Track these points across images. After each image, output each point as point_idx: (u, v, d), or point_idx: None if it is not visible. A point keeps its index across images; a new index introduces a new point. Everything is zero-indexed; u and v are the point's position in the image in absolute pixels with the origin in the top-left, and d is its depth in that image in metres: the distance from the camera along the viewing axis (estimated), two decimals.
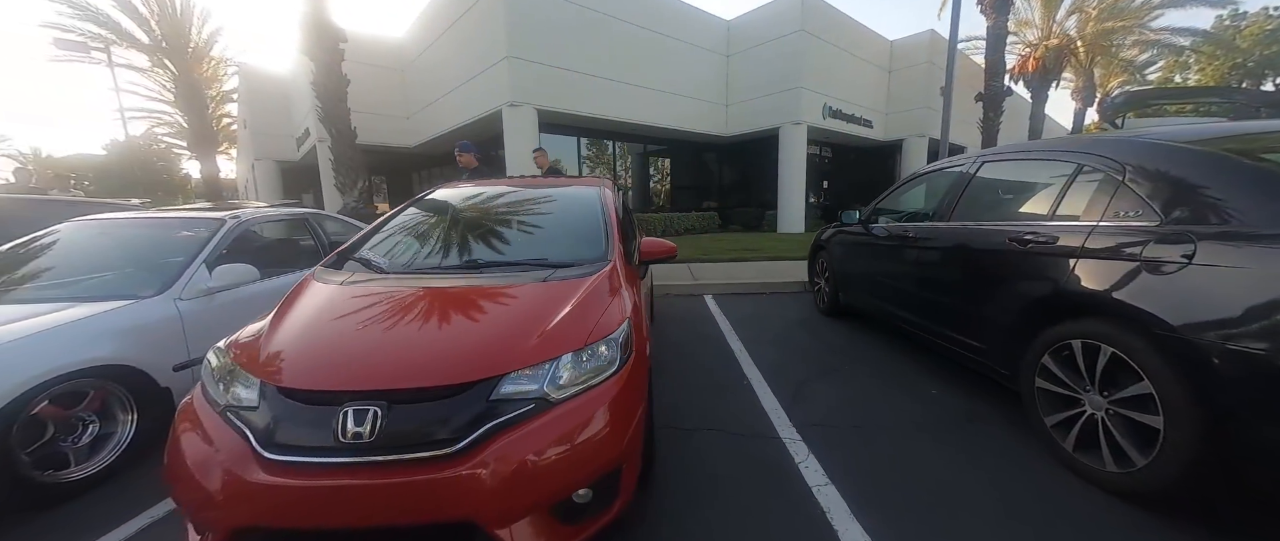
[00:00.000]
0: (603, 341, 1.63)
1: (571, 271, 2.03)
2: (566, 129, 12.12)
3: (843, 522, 1.76)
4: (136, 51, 18.97)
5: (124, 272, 2.58)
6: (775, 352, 3.63)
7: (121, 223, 3.03)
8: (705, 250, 8.92)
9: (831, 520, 1.77)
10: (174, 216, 3.07)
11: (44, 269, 2.58)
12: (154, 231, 2.94)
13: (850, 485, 1.95)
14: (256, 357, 1.50)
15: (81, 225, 2.94)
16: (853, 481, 1.98)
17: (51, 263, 2.64)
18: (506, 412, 1.39)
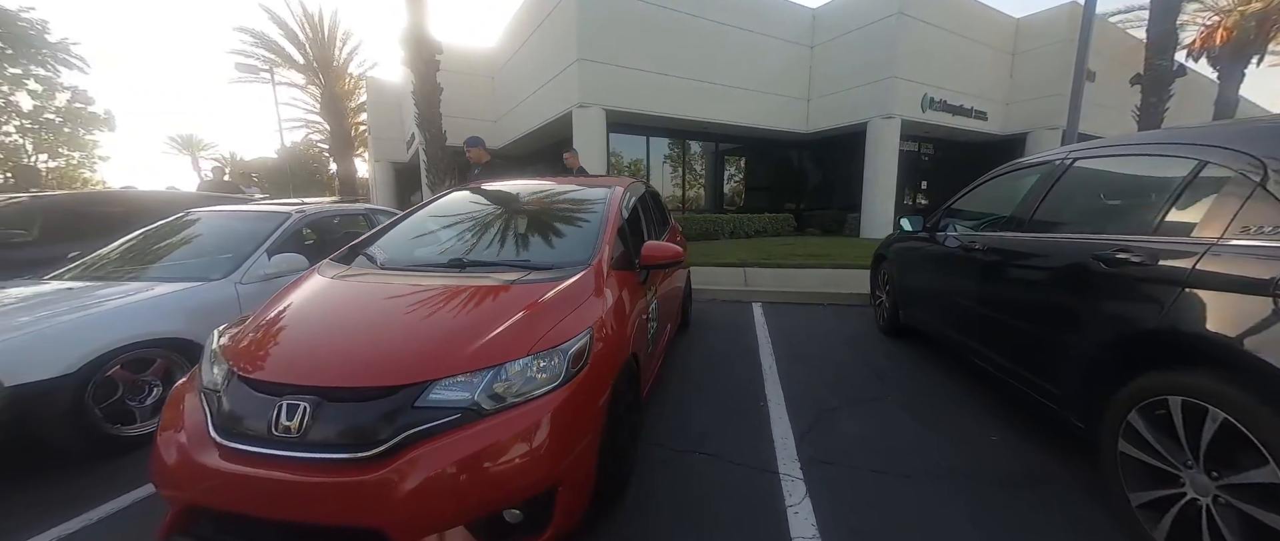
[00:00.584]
0: (549, 352, 1.53)
1: (546, 275, 1.95)
2: (636, 129, 12.18)
3: None
4: (294, 71, 22.78)
5: (203, 258, 3.02)
6: (808, 373, 3.25)
7: (216, 215, 3.56)
8: (766, 254, 8.41)
9: None
10: (253, 210, 3.55)
11: (150, 253, 3.11)
12: (236, 223, 3.42)
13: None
14: (234, 343, 1.63)
15: (187, 217, 3.51)
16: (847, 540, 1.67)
17: (156, 248, 3.18)
18: (431, 420, 1.34)
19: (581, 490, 1.56)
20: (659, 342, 2.84)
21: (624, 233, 2.44)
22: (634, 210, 2.89)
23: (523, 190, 2.96)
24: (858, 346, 3.83)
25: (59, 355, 2.03)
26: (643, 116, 11.09)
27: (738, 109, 12.25)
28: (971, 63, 13.04)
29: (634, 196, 2.97)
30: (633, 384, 2.09)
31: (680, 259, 2.59)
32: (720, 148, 14.40)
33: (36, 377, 1.96)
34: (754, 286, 5.84)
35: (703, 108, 11.66)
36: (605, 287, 1.98)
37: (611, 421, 1.73)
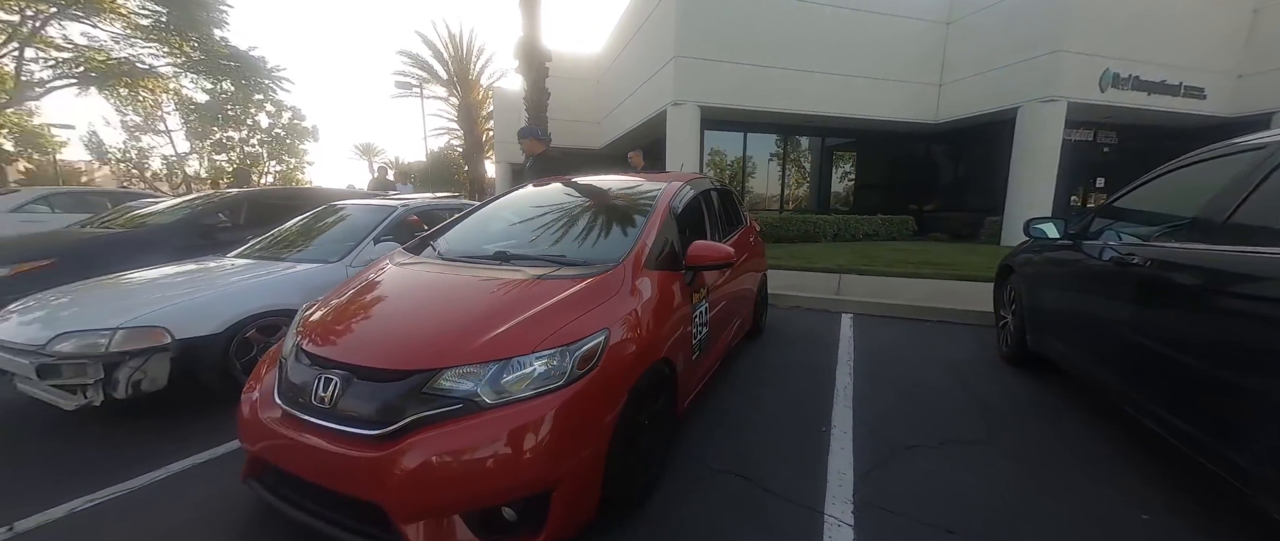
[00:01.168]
0: (555, 350, 1.49)
1: (573, 271, 1.92)
2: (733, 125, 11.76)
3: None
4: (439, 86, 26.36)
5: (329, 244, 3.56)
6: (891, 400, 2.79)
7: (348, 207, 4.20)
8: (869, 260, 7.51)
9: None
10: (371, 204, 4.11)
11: (296, 238, 3.77)
12: (358, 214, 3.98)
13: None
14: (308, 317, 1.87)
15: (329, 209, 4.20)
16: None
17: (302, 234, 3.84)
18: (435, 408, 1.37)
19: (583, 497, 1.49)
20: (712, 349, 2.65)
21: (671, 231, 2.31)
22: (690, 208, 2.73)
23: (577, 187, 2.98)
24: (964, 374, 3.19)
25: (212, 317, 2.54)
26: (741, 112, 10.67)
27: (850, 99, 11.16)
28: (1181, 25, 10.16)
29: (691, 194, 2.81)
30: (663, 391, 1.97)
31: (731, 260, 2.38)
32: (827, 143, 13.27)
33: (197, 333, 2.48)
34: (847, 295, 5.24)
35: (809, 99, 10.84)
36: (635, 287, 1.89)
37: (627, 428, 1.63)
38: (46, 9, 11.11)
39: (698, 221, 2.94)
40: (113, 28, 11.99)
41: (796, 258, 7.93)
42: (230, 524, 1.71)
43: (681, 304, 2.18)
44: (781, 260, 7.53)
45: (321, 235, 3.80)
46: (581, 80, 15.42)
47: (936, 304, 4.79)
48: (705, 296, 2.48)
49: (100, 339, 2.23)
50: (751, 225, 4.06)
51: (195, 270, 3.05)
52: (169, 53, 12.64)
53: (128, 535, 1.66)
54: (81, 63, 12.47)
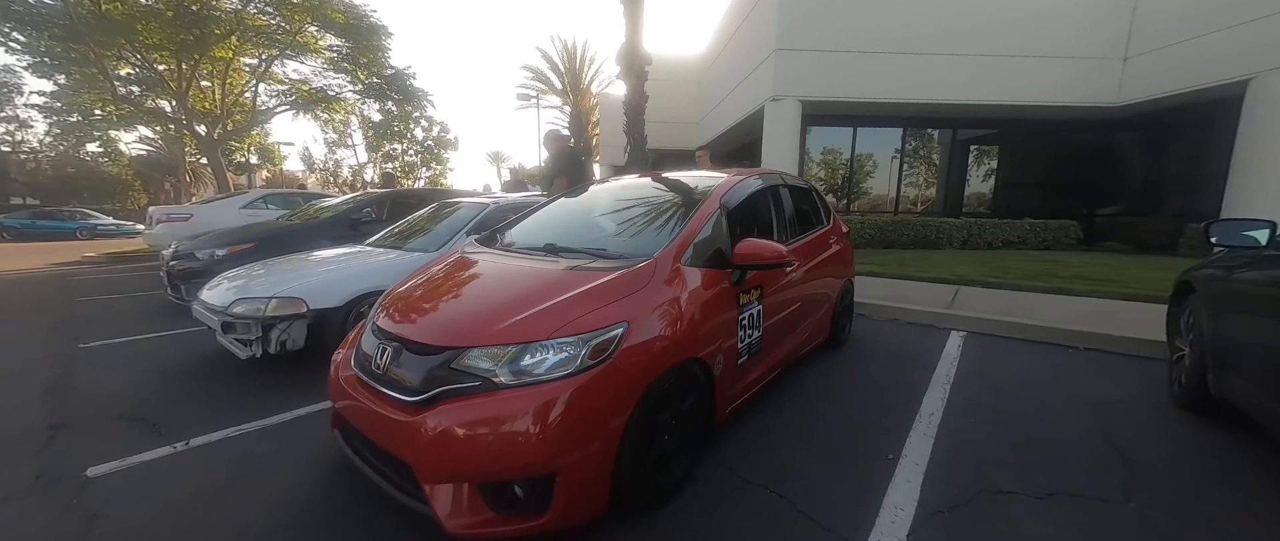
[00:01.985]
0: (568, 338, 1.53)
1: (606, 264, 1.94)
2: (840, 119, 10.82)
3: None
4: (555, 95, 28.59)
5: (434, 235, 4.09)
6: (991, 436, 2.33)
7: (456, 204, 4.78)
8: (1001, 271, 6.36)
9: None
10: (470, 201, 4.62)
11: (413, 230, 4.39)
12: (461, 210, 4.51)
13: None
14: (387, 295, 2.17)
15: (442, 206, 4.82)
16: None
17: (417, 227, 4.46)
18: (458, 383, 1.49)
19: (590, 487, 1.51)
20: (767, 356, 2.49)
21: (719, 228, 2.22)
22: (748, 204, 2.59)
23: (636, 184, 3.00)
24: (1109, 417, 2.54)
25: (337, 293, 3.09)
26: (850, 104, 9.77)
27: (992, 82, 9.57)
28: None
29: (751, 190, 2.67)
30: (694, 393, 1.90)
31: (783, 260, 2.20)
32: (959, 136, 11.52)
33: (326, 305, 3.03)
34: (962, 310, 4.50)
35: (935, 86, 9.54)
36: (666, 283, 1.85)
37: (643, 425, 1.62)
38: (273, 53, 14.55)
39: (759, 218, 2.78)
40: (314, 63, 15.33)
41: (906, 265, 7.04)
42: (320, 459, 2.06)
43: (724, 304, 2.08)
44: (886, 267, 6.76)
45: (430, 228, 4.37)
46: (682, 81, 15.49)
47: (1088, 328, 3.88)
48: (757, 298, 2.34)
49: (260, 305, 2.85)
50: (834, 227, 3.71)
51: (335, 254, 3.73)
52: (351, 81, 15.74)
53: (262, 455, 2.10)
54: (293, 93, 16.13)
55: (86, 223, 18.09)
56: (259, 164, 29.69)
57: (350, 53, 14.81)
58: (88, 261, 9.63)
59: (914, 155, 11.99)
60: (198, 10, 11.89)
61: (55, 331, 4.14)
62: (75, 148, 24.36)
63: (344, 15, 13.55)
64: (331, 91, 16.33)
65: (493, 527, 1.44)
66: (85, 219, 18.41)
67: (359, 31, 14.15)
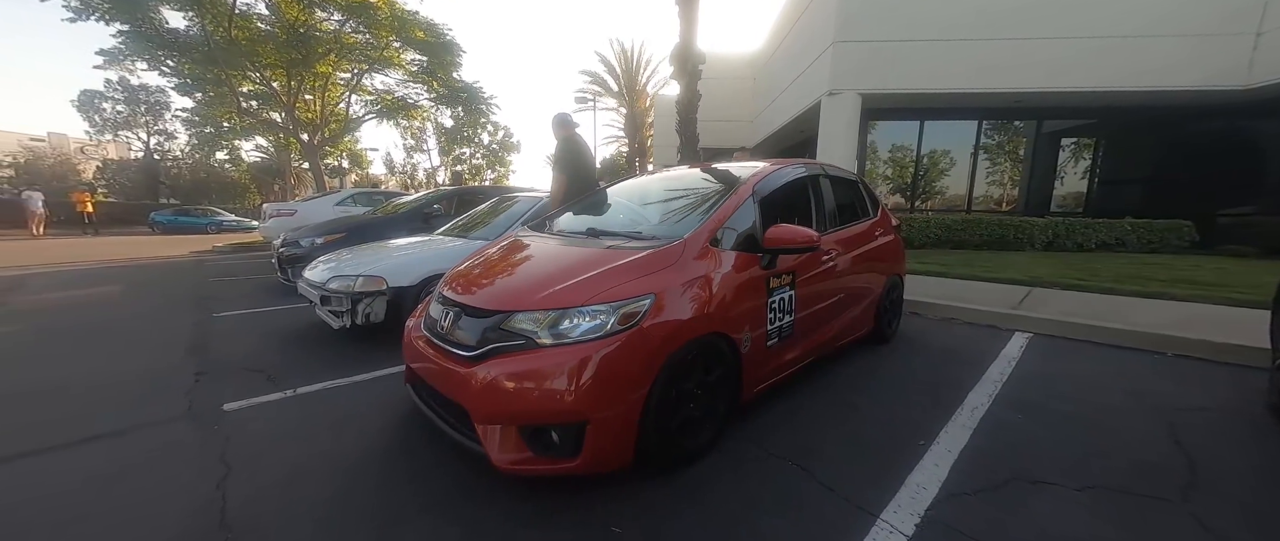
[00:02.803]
0: (601, 306, 1.72)
1: (640, 244, 2.11)
2: (905, 113, 10.25)
3: None
4: (611, 98, 29.27)
5: (494, 225, 4.47)
6: (1038, 432, 2.24)
7: (514, 199, 5.19)
8: (1088, 274, 5.80)
9: None
10: (525, 196, 4.99)
11: (475, 222, 4.83)
12: (516, 205, 4.89)
13: None
14: (452, 272, 2.49)
15: (502, 200, 5.24)
16: None
17: (479, 219, 4.89)
18: (506, 341, 1.74)
19: (616, 438, 1.68)
20: (800, 342, 2.55)
21: (749, 213, 2.31)
22: (783, 192, 2.66)
23: (674, 175, 3.14)
24: (1183, 423, 2.34)
25: (410, 273, 3.52)
26: (916, 96, 9.26)
27: (1086, 66, 8.69)
28: None
29: (787, 179, 2.72)
30: (719, 366, 2.03)
31: (813, 244, 2.24)
32: (1046, 128, 10.51)
33: (402, 284, 3.46)
34: (1032, 311, 4.21)
35: (1015, 72, 8.80)
36: (693, 262, 1.99)
37: (667, 389, 1.77)
38: (363, 67, 16.25)
39: (795, 207, 2.83)
40: (396, 75, 16.94)
41: (973, 265, 6.61)
42: (397, 409, 2.41)
43: (753, 286, 2.18)
44: (950, 267, 6.39)
45: (490, 220, 4.78)
46: (737, 78, 15.34)
47: (1180, 333, 3.50)
48: (789, 284, 2.41)
49: (350, 282, 3.32)
50: (882, 221, 3.63)
51: (409, 242, 4.21)
52: (428, 91, 17.23)
53: (351, 403, 2.49)
54: (378, 103, 17.90)
55: (215, 219, 21.13)
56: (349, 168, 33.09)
57: (428, 66, 16.21)
58: (216, 250, 11.32)
59: (992, 150, 11.10)
60: (304, 32, 13.59)
61: (196, 304, 5.00)
62: (208, 156, 28.43)
63: (424, 32, 14.87)
64: (410, 100, 17.91)
65: (532, 465, 1.66)
66: (214, 216, 21.51)
67: (437, 48, 15.48)
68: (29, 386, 2.72)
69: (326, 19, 14.36)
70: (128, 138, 30.95)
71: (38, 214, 15.54)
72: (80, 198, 17.90)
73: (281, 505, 1.66)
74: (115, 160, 32.14)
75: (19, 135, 34.58)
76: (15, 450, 2.00)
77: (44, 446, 2.04)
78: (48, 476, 1.84)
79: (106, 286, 6.17)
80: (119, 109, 29.38)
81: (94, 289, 5.99)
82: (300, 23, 13.68)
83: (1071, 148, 11.08)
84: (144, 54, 13.30)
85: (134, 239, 15.76)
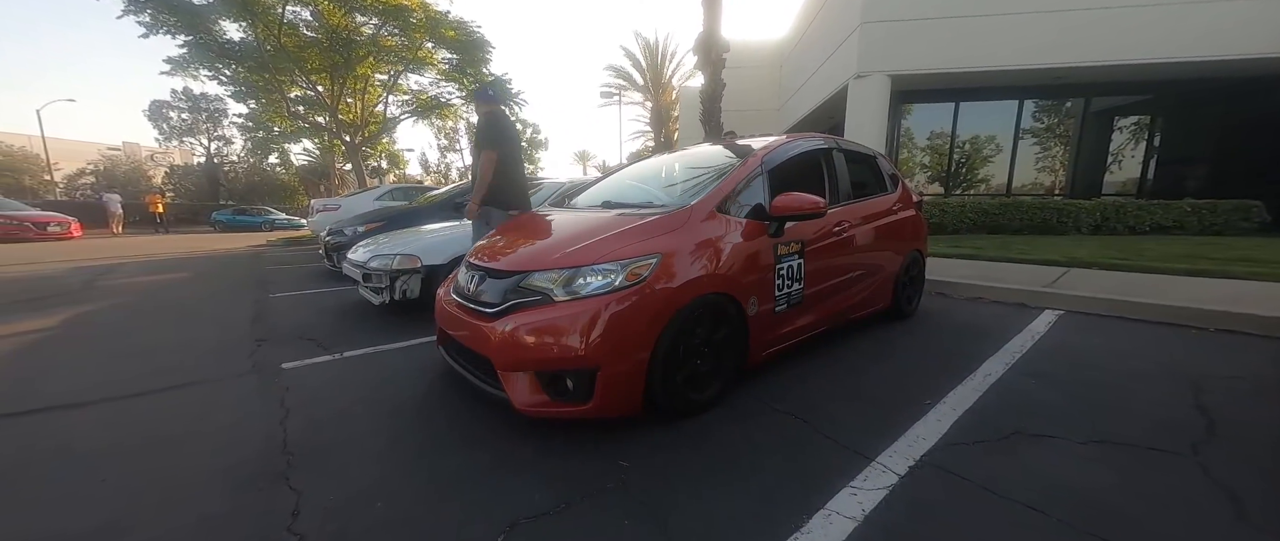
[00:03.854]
0: (610, 264, 1.86)
1: (647, 211, 2.24)
2: (938, 94, 9.89)
3: None
4: (636, 92, 29.33)
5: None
6: (1051, 396, 2.24)
7: (538, 184, 5.41)
8: (1131, 254, 5.51)
9: None
10: (546, 182, 5.20)
11: None
12: (543, 188, 5.12)
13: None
14: (478, 244, 2.69)
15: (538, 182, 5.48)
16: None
17: None
18: (524, 297, 1.90)
19: (625, 385, 1.82)
20: (809, 310, 2.62)
21: (757, 183, 2.40)
22: (793, 165, 2.72)
23: (687, 152, 3.25)
24: (1213, 389, 2.28)
25: (443, 252, 3.76)
26: (949, 76, 8.93)
27: (1142, 36, 8.17)
28: None
29: (796, 151, 2.78)
30: (725, 325, 2.13)
31: (819, 210, 2.29)
32: (1094, 106, 9.92)
33: (435, 263, 3.71)
34: (1064, 289, 4.07)
35: (1059, 48, 8.35)
36: (699, 227, 2.09)
37: (674, 342, 1.90)
38: (399, 68, 17.01)
39: (806, 179, 2.88)
40: (430, 75, 17.66)
41: (1009, 248, 6.39)
42: (430, 370, 2.64)
43: (760, 252, 2.27)
44: (983, 250, 6.21)
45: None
46: (763, 66, 15.12)
47: (1227, 308, 3.34)
48: (797, 252, 2.48)
49: (389, 260, 3.60)
50: (901, 196, 3.61)
51: (440, 226, 4.49)
52: (459, 89, 17.87)
53: (391, 364, 2.74)
54: (413, 102, 18.70)
55: (269, 218, 22.60)
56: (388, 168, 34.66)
57: (459, 64, 16.81)
58: (270, 244, 12.19)
59: (1036, 132, 10.55)
60: (345, 37, 14.37)
61: (256, 286, 5.50)
62: (261, 159, 30.37)
63: (455, 31, 15.42)
64: (443, 99, 18.60)
65: (549, 408, 1.83)
66: (268, 214, 23.01)
67: (467, 46, 16.03)
68: (127, 349, 3.11)
69: (365, 22, 15.10)
70: (191, 144, 33.49)
71: (117, 214, 17.10)
72: (153, 199, 19.54)
73: (334, 438, 1.90)
74: (180, 165, 34.83)
75: (98, 145, 37.90)
76: (121, 393, 2.35)
77: (145, 390, 2.39)
78: (151, 411, 2.17)
79: (179, 273, 6.83)
80: (184, 117, 31.82)
81: (169, 275, 6.64)
82: (342, 28, 14.46)
83: (1125, 127, 10.40)
84: (205, 63, 14.42)
85: (198, 236, 17.12)
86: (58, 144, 31.54)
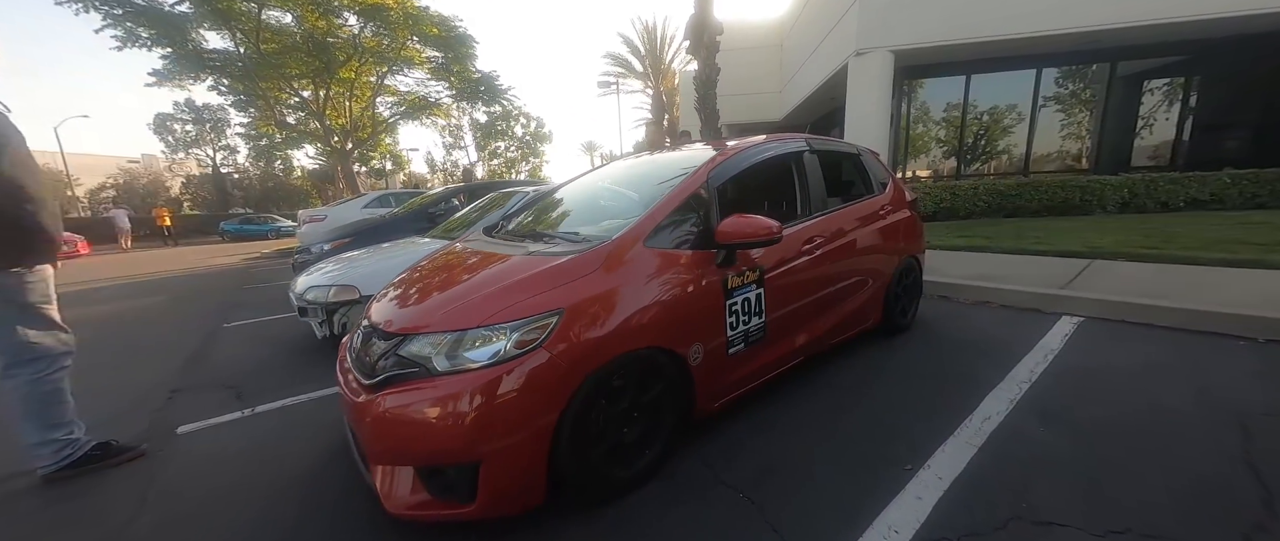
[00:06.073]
0: (502, 325, 1.49)
1: (559, 248, 1.87)
2: (945, 68, 9.17)
3: None
4: (635, 79, 28.62)
5: (479, 224, 4.36)
6: (1059, 449, 1.83)
7: (510, 192, 5.05)
8: (1161, 239, 4.95)
9: None
10: (523, 190, 4.85)
11: (459, 223, 4.74)
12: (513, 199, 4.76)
13: None
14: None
15: (502, 193, 5.13)
16: None
17: (469, 218, 4.79)
18: (401, 369, 1.52)
19: (520, 477, 1.47)
20: (775, 344, 2.24)
21: (698, 205, 2.00)
22: (750, 176, 2.32)
23: (643, 161, 2.83)
24: (1271, 435, 1.84)
25: (382, 280, 3.42)
26: (958, 47, 8.23)
27: None
28: None
29: (752, 161, 2.36)
30: (660, 383, 1.77)
31: (773, 236, 1.91)
32: (1120, 71, 9.10)
33: (373, 291, 3.40)
34: (1083, 290, 3.60)
35: (1080, 7, 7.60)
36: (618, 268, 1.72)
37: (585, 415, 1.55)
38: (384, 69, 16.73)
39: (771, 190, 2.49)
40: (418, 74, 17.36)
41: (1023, 236, 5.85)
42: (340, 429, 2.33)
43: (702, 286, 1.89)
44: (994, 240, 5.69)
45: (476, 219, 4.68)
46: (762, 48, 14.37)
47: (1278, 312, 2.85)
48: (755, 281, 2.09)
49: (324, 293, 3.30)
50: (891, 197, 3.16)
51: (393, 245, 4.18)
52: (447, 87, 17.55)
53: (302, 419, 2.46)
54: (403, 103, 18.46)
55: (274, 226, 22.78)
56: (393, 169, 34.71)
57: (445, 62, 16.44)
58: (265, 256, 12.12)
59: (1057, 100, 9.76)
60: (323, 40, 14.05)
61: (215, 312, 5.29)
62: (267, 166, 30.63)
63: (437, 28, 15.01)
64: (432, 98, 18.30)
65: (426, 511, 1.47)
66: (274, 223, 23.19)
67: (450, 42, 15.61)
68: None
69: (343, 24, 14.77)
70: (197, 155, 33.95)
71: (124, 229, 17.34)
72: (159, 213, 19.80)
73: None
74: (196, 176, 35.41)
75: (117, 159, 38.71)
76: None
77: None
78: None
79: (150, 298, 6.68)
80: (188, 129, 32.19)
81: (137, 301, 6.49)
82: (319, 31, 14.15)
83: (1157, 91, 9.54)
84: (189, 73, 14.29)
85: (205, 247, 17.29)
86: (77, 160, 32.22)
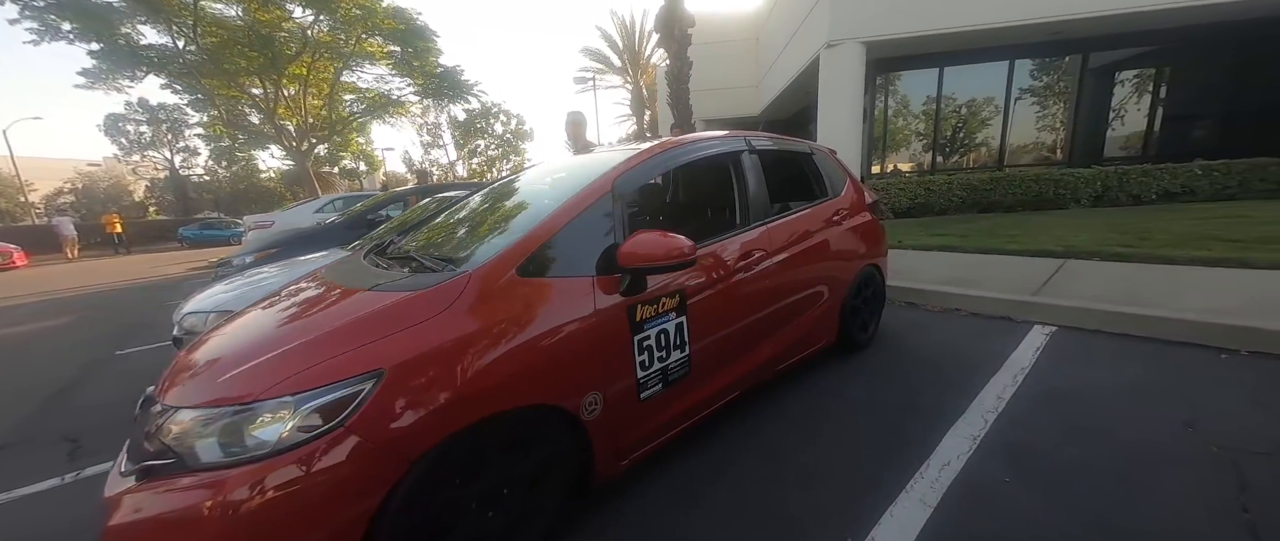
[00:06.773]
0: (288, 397, 1.08)
1: (413, 281, 1.48)
2: (918, 61, 8.93)
3: None
4: (614, 74, 28.14)
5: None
6: (1029, 502, 1.52)
7: (449, 197, 4.63)
8: (1136, 236, 4.76)
9: None
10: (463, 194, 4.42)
11: (386, 234, 4.31)
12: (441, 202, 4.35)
13: None
14: None
15: (441, 198, 4.70)
16: None
17: (398, 228, 4.36)
18: (163, 458, 1.11)
19: None
20: (705, 380, 1.90)
21: (599, 222, 1.64)
22: (675, 183, 1.96)
23: (561, 163, 2.45)
24: (1265, 475, 1.56)
25: None
26: (931, 38, 7.98)
27: None
28: None
29: (672, 165, 2.01)
30: (538, 447, 1.42)
31: (685, 259, 1.56)
32: (1094, 62, 8.99)
33: None
34: (1056, 296, 3.34)
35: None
36: (478, 307, 1.33)
37: (421, 504, 1.18)
38: (341, 64, 15.95)
39: (702, 198, 2.14)
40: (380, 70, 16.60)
41: (996, 234, 5.63)
42: None
43: (598, 323, 1.52)
44: (968, 239, 5.45)
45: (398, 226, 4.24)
46: (739, 41, 14.00)
47: (1259, 322, 2.59)
48: (674, 308, 1.74)
49: (201, 321, 2.86)
50: (847, 199, 2.84)
51: (305, 260, 3.74)
52: (409, 83, 16.86)
53: None
54: (364, 101, 17.69)
55: (236, 231, 21.73)
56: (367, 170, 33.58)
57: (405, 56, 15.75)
58: (210, 264, 11.40)
59: (1030, 93, 9.62)
60: (266, 32, 13.19)
61: (114, 337, 4.74)
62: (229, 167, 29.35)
63: (393, 20, 14.29)
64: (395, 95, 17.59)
65: None
66: (235, 228, 22.14)
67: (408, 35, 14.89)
68: None
69: (289, 16, 13.95)
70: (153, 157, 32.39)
71: (70, 237, 16.33)
72: (109, 220, 18.70)
73: None
74: (160, 179, 33.81)
75: (76, 162, 36.82)
76: None
77: None
78: None
79: (53, 320, 5.99)
80: (142, 130, 30.64)
81: (36, 323, 5.82)
82: (263, 22, 13.30)
83: (1128, 82, 9.46)
84: (124, 71, 13.33)
85: (160, 255, 16.34)
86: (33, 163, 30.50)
